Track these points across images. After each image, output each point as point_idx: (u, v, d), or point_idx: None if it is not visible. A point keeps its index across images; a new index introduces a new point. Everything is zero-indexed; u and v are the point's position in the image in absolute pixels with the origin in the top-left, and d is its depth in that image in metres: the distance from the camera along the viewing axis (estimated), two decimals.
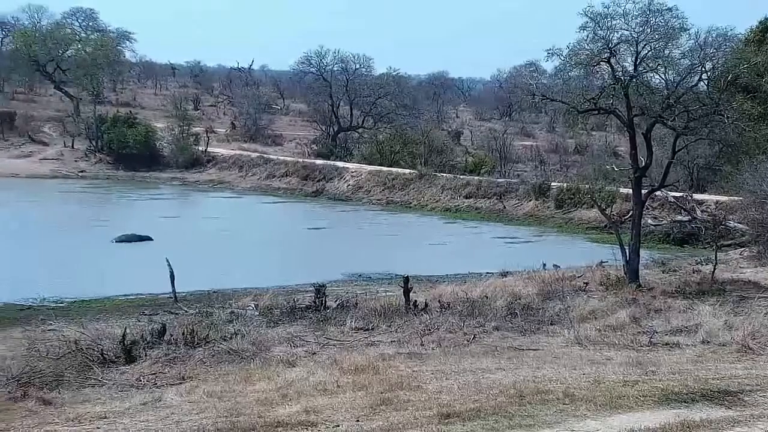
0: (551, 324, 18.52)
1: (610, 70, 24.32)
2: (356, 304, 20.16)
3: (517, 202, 50.11)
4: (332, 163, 61.37)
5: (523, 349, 16.04)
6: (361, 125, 73.55)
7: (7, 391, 12.58)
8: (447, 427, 10.85)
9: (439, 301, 20.13)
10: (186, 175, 62.30)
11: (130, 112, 71.73)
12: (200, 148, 65.33)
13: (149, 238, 36.55)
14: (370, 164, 60.33)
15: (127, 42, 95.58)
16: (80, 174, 61.95)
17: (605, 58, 24.11)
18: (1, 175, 59.32)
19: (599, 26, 23.88)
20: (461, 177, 54.76)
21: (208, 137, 67.17)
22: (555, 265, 27.94)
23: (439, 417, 11.23)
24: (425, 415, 11.36)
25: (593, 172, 52.69)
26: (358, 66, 78.98)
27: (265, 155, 64.69)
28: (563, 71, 25.08)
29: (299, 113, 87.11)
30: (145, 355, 15.01)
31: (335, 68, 78.53)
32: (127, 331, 15.37)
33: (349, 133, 73.30)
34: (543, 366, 14.41)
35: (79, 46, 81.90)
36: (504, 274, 26.63)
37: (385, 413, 11.47)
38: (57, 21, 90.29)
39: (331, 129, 73.00)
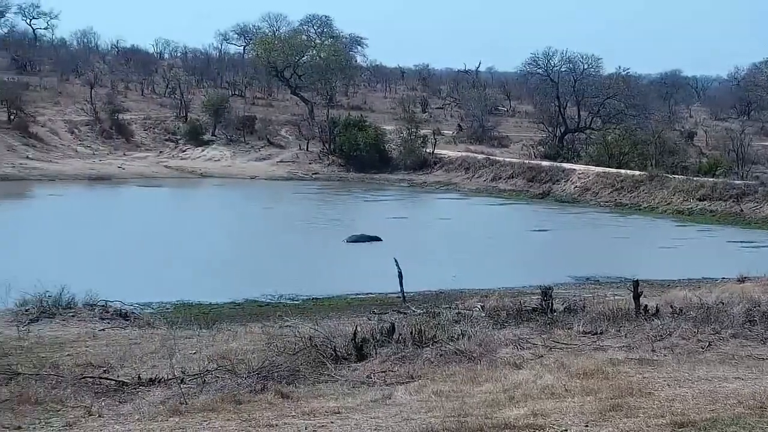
0: None
1: None
2: (584, 307, 19.80)
3: (755, 204, 47.75)
4: (559, 164, 60.64)
5: (763, 359, 15.25)
6: (588, 126, 72.29)
7: (249, 384, 13.16)
8: None
9: (671, 306, 19.44)
10: (413, 177, 63.33)
11: (361, 115, 73.69)
12: (428, 150, 66.23)
13: (378, 239, 37.41)
14: (597, 165, 59.18)
15: (359, 47, 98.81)
16: (314, 176, 64.29)
17: None
18: (242, 177, 62.54)
19: None
20: (695, 179, 52.72)
21: (435, 139, 68.02)
22: None
23: (672, 426, 10.86)
24: (657, 423, 11.01)
25: None
26: (586, 66, 77.76)
27: (491, 157, 64.79)
28: None
29: (525, 114, 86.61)
30: (375, 353, 15.30)
31: (563, 69, 77.64)
32: (358, 329, 15.76)
33: (576, 134, 72.20)
34: None
35: (314, 52, 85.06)
36: (741, 280, 25.43)
37: (615, 419, 11.21)
38: (294, 28, 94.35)
39: (558, 130, 72.15)
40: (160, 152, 68.55)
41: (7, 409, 11.71)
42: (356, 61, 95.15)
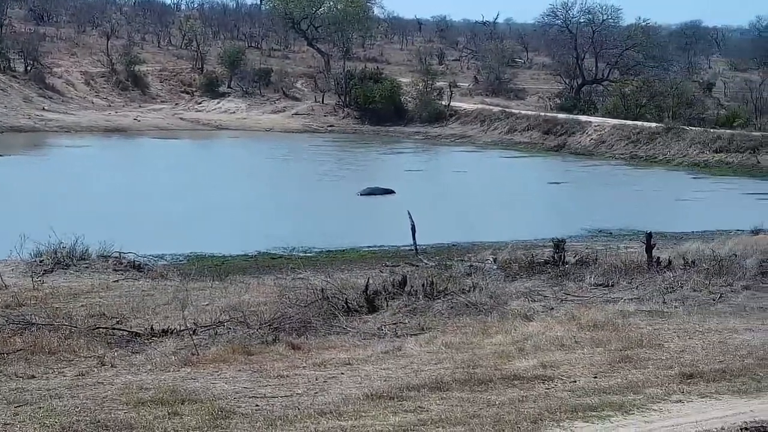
0: None
1: None
2: (596, 259, 19.84)
3: None
4: (575, 117, 60.18)
5: None
6: (606, 78, 71.80)
7: (260, 335, 13.29)
8: (689, 387, 10.55)
9: (683, 259, 19.44)
10: (429, 130, 63.13)
11: (377, 67, 73.31)
12: (443, 103, 65.93)
13: (392, 192, 37.40)
14: (614, 118, 58.78)
15: None
16: (329, 128, 64.16)
17: None
18: (258, 129, 62.52)
19: None
20: (711, 130, 52.35)
21: (451, 92, 67.66)
22: None
23: (681, 376, 10.93)
24: (666, 374, 11.09)
25: None
26: (605, 17, 77.04)
27: (507, 109, 64.45)
28: None
29: (543, 66, 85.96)
30: (387, 306, 15.42)
31: (581, 20, 76.94)
32: (370, 281, 15.84)
33: (593, 86, 71.73)
34: None
35: (331, 4, 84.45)
36: (756, 232, 25.40)
37: (624, 370, 11.29)
38: None
39: (575, 82, 71.66)
40: (176, 104, 68.48)
41: (21, 358, 11.88)
42: (373, 12, 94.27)
